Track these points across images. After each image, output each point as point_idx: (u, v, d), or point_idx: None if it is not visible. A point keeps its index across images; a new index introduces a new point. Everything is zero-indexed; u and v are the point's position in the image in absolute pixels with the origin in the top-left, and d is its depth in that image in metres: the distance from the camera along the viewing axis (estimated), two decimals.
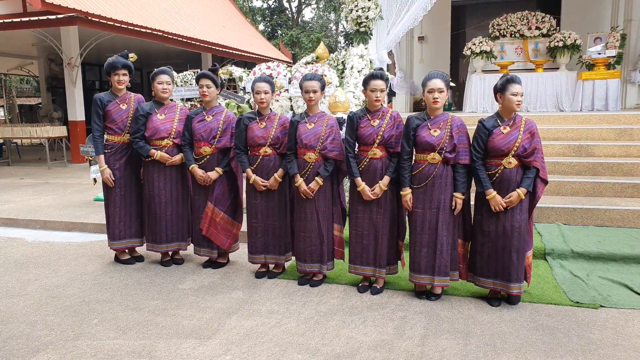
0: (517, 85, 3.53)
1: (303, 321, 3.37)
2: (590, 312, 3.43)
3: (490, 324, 3.28)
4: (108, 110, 4.44)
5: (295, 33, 25.00)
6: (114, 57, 4.46)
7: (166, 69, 4.47)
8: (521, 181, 3.51)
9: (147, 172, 4.46)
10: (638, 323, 3.25)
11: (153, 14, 12.64)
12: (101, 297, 3.83)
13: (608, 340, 3.03)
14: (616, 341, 3.01)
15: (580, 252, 4.41)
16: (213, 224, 4.31)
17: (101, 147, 4.47)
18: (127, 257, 4.69)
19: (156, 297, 3.82)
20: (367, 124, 3.76)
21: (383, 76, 3.74)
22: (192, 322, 3.38)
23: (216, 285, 4.06)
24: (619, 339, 3.04)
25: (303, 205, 3.94)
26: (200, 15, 16.17)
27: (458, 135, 3.57)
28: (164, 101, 4.46)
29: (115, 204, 4.52)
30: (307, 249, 3.96)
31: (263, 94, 4.01)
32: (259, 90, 4.01)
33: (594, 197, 5.64)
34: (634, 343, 2.98)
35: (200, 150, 4.29)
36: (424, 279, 3.67)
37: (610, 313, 3.42)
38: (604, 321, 3.29)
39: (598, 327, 3.20)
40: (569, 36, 9.25)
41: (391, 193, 3.79)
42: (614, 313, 3.42)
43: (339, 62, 7.52)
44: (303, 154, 3.89)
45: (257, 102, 4.03)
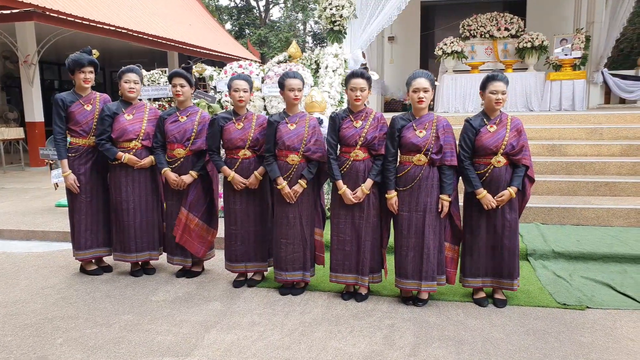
0: (497, 83, 3.46)
1: (287, 333, 3.19)
2: (578, 314, 3.39)
3: (481, 329, 3.18)
4: (71, 112, 4.15)
5: (263, 32, 24.69)
6: (77, 53, 4.17)
7: (134, 67, 4.21)
8: (511, 180, 3.45)
9: (114, 176, 4.19)
10: (626, 324, 3.22)
11: (116, 10, 12.17)
12: (66, 313, 3.55)
13: (599, 343, 2.98)
14: (607, 344, 2.96)
15: (560, 252, 4.39)
16: (187, 230, 4.08)
17: (64, 151, 4.18)
18: (94, 267, 4.40)
19: (127, 311, 3.57)
20: (349, 124, 3.61)
21: (364, 75, 3.60)
22: (167, 338, 3.15)
23: (192, 296, 3.84)
24: (610, 342, 2.99)
25: (285, 210, 3.75)
26: (166, 13, 15.72)
27: (444, 135, 3.47)
28: (131, 101, 4.20)
29: (80, 211, 4.23)
30: (288, 257, 3.78)
31: (242, 92, 3.81)
32: (237, 88, 3.80)
33: (569, 196, 5.67)
34: (625, 345, 2.94)
35: (174, 153, 4.05)
36: (411, 284, 3.56)
37: (597, 314, 3.38)
38: (593, 323, 3.24)
39: (588, 330, 3.15)
40: (536, 37, 9.38)
41: (374, 197, 3.65)
42: (600, 314, 3.38)
43: (312, 61, 7.35)
44: (285, 156, 3.70)
45: (236, 100, 3.83)
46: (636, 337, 3.03)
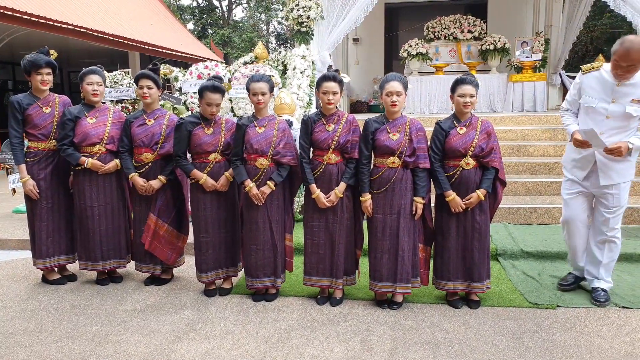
0: (465, 86, 3.49)
1: (262, 341, 3.13)
2: (549, 313, 3.45)
3: (457, 332, 3.20)
4: (29, 114, 3.96)
5: (226, 32, 24.39)
6: (33, 54, 3.98)
7: (96, 68, 4.05)
8: (480, 182, 3.49)
9: (78, 182, 4.02)
10: (595, 322, 3.30)
11: (74, 9, 11.75)
12: (28, 326, 3.38)
13: (571, 342, 3.04)
14: (579, 342, 3.02)
15: (529, 252, 4.49)
16: (156, 237, 3.95)
17: (21, 156, 3.98)
18: (57, 276, 4.21)
19: (95, 322, 3.42)
20: (322, 128, 3.58)
21: (336, 78, 3.57)
22: (139, 350, 3.04)
23: (162, 305, 3.72)
24: (581, 340, 3.05)
25: (254, 215, 3.68)
26: (126, 12, 15.29)
27: (417, 138, 3.48)
28: (94, 104, 4.04)
29: (41, 218, 4.05)
30: (259, 263, 3.71)
31: (215, 106, 3.68)
32: (210, 102, 3.66)
33: (534, 196, 5.80)
34: (596, 343, 3.01)
35: (142, 157, 3.92)
36: (386, 287, 3.55)
37: (567, 313, 3.45)
38: (564, 322, 3.31)
39: (559, 329, 3.21)
40: (498, 40, 9.60)
41: (348, 200, 3.62)
42: (570, 313, 3.46)
43: (279, 62, 7.28)
44: (254, 160, 3.63)
45: (207, 113, 3.71)
46: (606, 335, 3.11)
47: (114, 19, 13.60)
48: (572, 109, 3.61)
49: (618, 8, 6.46)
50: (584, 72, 3.54)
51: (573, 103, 3.60)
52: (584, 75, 3.52)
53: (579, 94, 3.52)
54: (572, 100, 3.61)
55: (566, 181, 3.69)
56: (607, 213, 3.50)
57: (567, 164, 3.68)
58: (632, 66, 3.18)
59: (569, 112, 3.64)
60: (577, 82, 3.56)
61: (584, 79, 3.50)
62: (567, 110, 3.66)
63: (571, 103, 3.61)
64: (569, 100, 3.64)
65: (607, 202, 3.48)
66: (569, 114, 3.64)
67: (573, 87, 3.61)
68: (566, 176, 3.69)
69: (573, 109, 3.60)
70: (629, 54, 3.12)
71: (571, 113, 3.62)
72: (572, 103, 3.61)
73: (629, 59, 3.14)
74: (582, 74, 3.54)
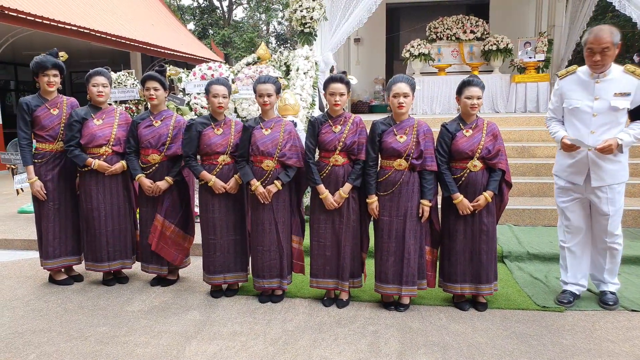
0: (472, 88, 3.49)
1: (270, 342, 3.13)
2: (557, 316, 3.45)
3: (465, 334, 3.20)
4: (37, 116, 3.97)
5: (227, 33, 24.38)
6: (42, 55, 3.99)
7: (102, 69, 4.06)
8: (487, 184, 3.49)
9: (84, 183, 4.03)
10: (604, 325, 3.30)
11: (76, 10, 11.76)
12: (37, 327, 3.39)
13: (580, 345, 3.04)
14: (588, 346, 3.03)
15: (535, 254, 4.48)
16: (163, 238, 3.96)
17: (30, 157, 3.99)
18: (64, 277, 4.22)
19: (102, 323, 3.43)
20: (328, 129, 3.58)
21: (343, 79, 3.58)
22: (147, 350, 3.05)
23: (169, 306, 3.72)
24: (591, 344, 3.05)
25: (261, 216, 3.69)
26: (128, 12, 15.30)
27: (425, 140, 3.48)
28: (100, 105, 4.05)
29: (48, 219, 4.06)
30: (265, 264, 3.71)
31: (221, 97, 3.72)
32: (216, 93, 3.71)
33: (539, 198, 5.81)
34: (606, 347, 3.01)
35: (148, 159, 3.93)
36: (391, 289, 3.55)
37: (576, 316, 3.45)
38: (572, 325, 3.31)
39: (568, 332, 3.21)
40: (501, 40, 9.59)
41: (354, 202, 3.63)
42: (579, 316, 3.46)
43: (282, 63, 7.29)
44: (260, 161, 3.63)
45: (215, 106, 3.73)
46: (615, 339, 3.11)
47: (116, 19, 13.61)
48: (557, 116, 3.59)
49: (623, 9, 6.47)
50: (560, 77, 3.57)
51: (556, 110, 3.58)
52: (562, 80, 3.54)
53: (561, 99, 3.52)
54: (554, 107, 3.59)
55: (559, 189, 3.63)
56: (604, 220, 3.47)
57: (561, 172, 3.60)
58: (606, 48, 3.21)
59: (554, 120, 3.61)
60: (557, 88, 3.57)
61: (563, 84, 3.52)
62: (551, 119, 3.63)
63: (554, 110, 3.60)
64: (552, 109, 3.62)
65: (602, 207, 3.43)
66: (554, 122, 3.61)
67: (553, 94, 3.62)
68: (558, 184, 3.63)
69: (557, 116, 3.59)
70: (600, 37, 3.20)
71: (556, 121, 3.60)
72: (555, 110, 3.60)
73: (602, 41, 3.20)
74: (560, 79, 3.56)
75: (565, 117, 3.52)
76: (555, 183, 3.68)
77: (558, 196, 3.65)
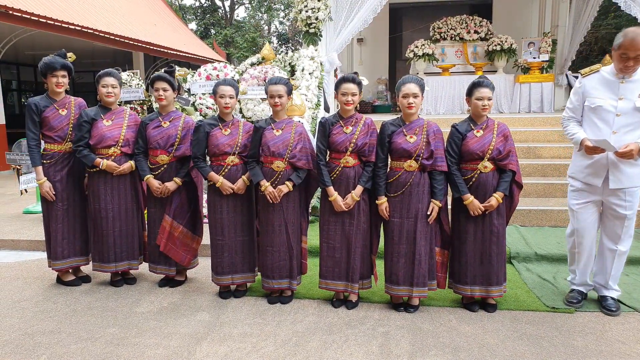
0: (482, 89, 3.48)
1: (281, 344, 3.13)
2: (567, 317, 3.45)
3: (475, 335, 3.20)
4: (45, 117, 3.96)
5: (229, 32, 24.37)
6: (50, 56, 3.99)
7: (112, 70, 4.06)
8: (498, 185, 3.48)
9: (93, 184, 4.03)
10: (615, 327, 3.30)
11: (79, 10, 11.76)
12: (47, 328, 3.38)
13: (592, 346, 3.03)
14: (600, 347, 3.02)
15: (543, 255, 4.48)
16: (171, 239, 3.96)
17: (38, 158, 3.99)
18: (72, 277, 4.22)
19: (112, 324, 3.43)
20: (339, 130, 3.58)
21: (355, 80, 3.57)
22: (158, 352, 3.04)
23: (178, 307, 3.72)
24: (602, 345, 3.05)
25: (270, 217, 3.69)
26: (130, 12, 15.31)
27: (435, 141, 3.47)
28: (110, 106, 4.05)
29: (57, 220, 4.05)
30: (275, 265, 3.71)
31: (228, 98, 3.71)
32: (223, 94, 3.71)
33: (545, 198, 5.80)
34: (617, 349, 3.00)
35: (157, 159, 3.92)
36: (402, 291, 3.55)
37: (586, 317, 3.45)
38: (583, 326, 3.31)
39: (579, 334, 3.20)
40: (505, 40, 9.57)
41: (365, 204, 3.62)
42: (589, 317, 3.45)
43: (286, 63, 7.28)
44: (270, 162, 3.63)
45: (222, 106, 3.73)
46: (627, 340, 3.11)
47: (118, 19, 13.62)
48: (576, 116, 3.52)
49: (629, 9, 6.44)
50: (584, 75, 3.52)
51: (576, 109, 3.52)
52: (584, 79, 3.49)
53: (583, 97, 3.46)
54: (574, 106, 3.53)
55: (574, 191, 3.59)
56: (618, 224, 3.44)
57: (578, 173, 3.55)
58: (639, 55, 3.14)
59: (573, 120, 3.55)
60: (578, 86, 3.51)
61: (586, 82, 3.47)
62: (570, 119, 3.57)
63: (574, 110, 3.53)
64: (570, 108, 3.56)
65: (619, 211, 3.40)
66: (572, 122, 3.55)
67: (574, 93, 3.55)
68: (574, 186, 3.59)
69: (576, 116, 3.52)
70: (636, 43, 3.11)
71: (575, 121, 3.54)
72: (575, 110, 3.53)
73: (637, 48, 3.12)
74: (583, 77, 3.52)
75: (586, 116, 3.46)
76: (571, 185, 3.63)
77: (572, 198, 3.62)
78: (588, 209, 3.54)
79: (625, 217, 3.42)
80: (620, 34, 3.22)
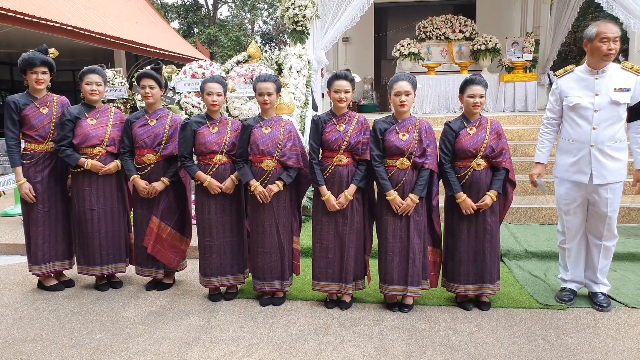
0: (475, 86, 3.46)
1: (275, 347, 3.05)
2: (560, 314, 3.44)
3: (471, 334, 3.16)
4: (25, 115, 3.82)
5: (212, 31, 24.13)
6: (30, 52, 3.85)
7: (96, 67, 3.94)
8: (491, 183, 3.46)
9: (77, 184, 3.90)
10: (607, 322, 3.30)
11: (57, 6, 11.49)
12: (28, 335, 3.25)
13: (586, 343, 3.02)
14: (594, 344, 3.01)
15: (533, 252, 4.49)
16: (159, 240, 3.85)
17: (18, 158, 3.84)
18: (54, 282, 4.07)
19: (98, 330, 3.31)
20: (332, 128, 3.51)
21: (348, 76, 3.52)
22: (147, 358, 2.93)
23: (166, 311, 3.62)
24: (596, 341, 3.04)
25: (261, 218, 3.61)
26: (111, 9, 15.02)
27: (427, 139, 3.44)
28: (94, 104, 3.92)
29: (37, 223, 3.91)
30: (266, 266, 3.63)
31: (216, 95, 3.62)
32: (211, 91, 3.61)
33: (532, 196, 5.82)
34: (611, 344, 3.00)
35: (144, 159, 3.81)
36: (396, 290, 3.50)
37: (578, 314, 3.45)
38: (576, 323, 3.30)
39: (573, 330, 3.19)
40: (489, 40, 9.64)
41: (358, 203, 3.56)
42: (582, 313, 3.45)
43: (273, 61, 7.20)
44: (259, 161, 3.55)
45: (209, 104, 3.64)
46: (619, 336, 3.11)
47: (99, 16, 13.35)
48: (556, 116, 3.59)
49: (611, 9, 6.50)
50: (558, 76, 3.59)
51: (555, 110, 3.58)
52: (560, 79, 3.56)
53: (560, 97, 3.52)
54: (552, 107, 3.59)
55: (562, 192, 3.59)
56: (602, 220, 3.46)
57: (564, 172, 3.55)
58: (617, 38, 3.23)
59: (553, 122, 3.61)
60: (555, 87, 3.57)
61: (561, 82, 3.53)
62: (550, 121, 3.63)
63: (553, 111, 3.59)
64: (550, 109, 3.61)
65: (602, 208, 3.42)
66: (549, 129, 3.64)
67: (551, 94, 3.60)
68: (562, 186, 3.59)
69: (556, 116, 3.58)
70: (612, 27, 3.24)
71: (553, 127, 3.63)
72: (554, 111, 3.59)
73: (614, 30, 3.23)
74: (558, 78, 3.58)
75: (566, 115, 3.51)
76: (558, 185, 3.64)
77: (561, 199, 3.62)
78: (577, 209, 3.54)
79: (606, 216, 3.43)
80: (590, 27, 3.34)
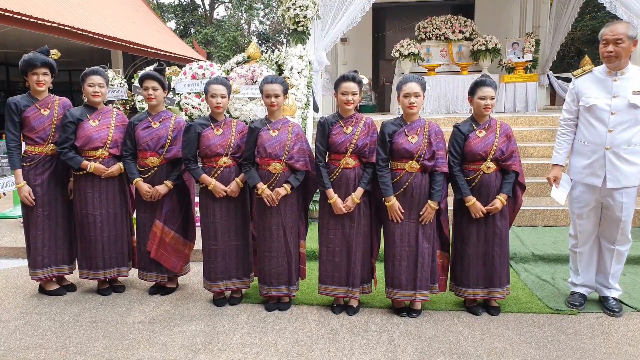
0: (485, 88, 3.41)
1: (283, 354, 3.00)
2: (572, 319, 3.40)
3: (482, 340, 3.11)
4: (26, 117, 3.75)
5: (209, 31, 24.03)
6: (31, 53, 3.78)
7: (99, 68, 3.87)
8: (501, 186, 3.41)
9: (79, 188, 3.82)
10: (620, 328, 3.26)
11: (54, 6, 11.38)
12: (31, 342, 3.18)
13: (600, 349, 2.98)
14: (608, 350, 2.97)
15: (540, 255, 4.44)
16: (162, 245, 3.78)
17: (18, 160, 3.77)
18: (56, 287, 4.00)
19: (102, 336, 3.24)
20: (339, 130, 3.46)
21: (355, 78, 3.46)
22: None
23: (171, 316, 3.55)
24: (610, 347, 3.00)
25: (268, 221, 3.55)
26: (108, 9, 14.92)
27: (436, 141, 3.38)
28: (96, 106, 3.85)
29: (37, 227, 3.83)
30: (273, 271, 3.57)
31: (220, 97, 3.56)
32: (214, 93, 3.55)
33: (537, 198, 5.78)
34: (625, 351, 2.95)
35: (147, 162, 3.74)
36: (405, 295, 3.45)
37: (590, 319, 3.40)
38: (588, 328, 3.26)
39: (585, 336, 3.15)
40: (490, 40, 9.59)
41: (365, 206, 3.51)
42: (593, 319, 3.41)
43: (273, 62, 7.14)
44: (267, 164, 3.49)
45: (213, 106, 3.58)
46: (633, 342, 3.06)
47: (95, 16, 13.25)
48: (572, 117, 3.53)
49: (614, 9, 6.48)
50: (576, 76, 3.54)
51: (572, 111, 3.53)
52: (577, 79, 3.51)
53: (577, 98, 3.47)
54: (569, 108, 3.54)
55: (575, 195, 3.55)
56: (615, 225, 3.41)
57: (577, 174, 3.50)
58: (619, 40, 3.21)
59: (570, 122, 3.55)
60: (571, 87, 3.53)
61: (578, 82, 3.49)
62: (567, 122, 3.57)
63: (570, 111, 3.54)
64: (567, 109, 3.57)
65: (616, 212, 3.37)
66: (567, 130, 3.59)
67: (568, 95, 3.55)
68: (575, 189, 3.55)
69: (574, 116, 3.53)
70: (615, 28, 3.24)
71: (570, 127, 3.56)
72: (570, 111, 3.54)
73: (615, 32, 3.23)
74: (575, 78, 3.53)
75: (582, 116, 3.46)
76: (572, 188, 3.59)
77: (573, 202, 3.58)
78: (590, 212, 3.49)
79: (620, 220, 3.39)
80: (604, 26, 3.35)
